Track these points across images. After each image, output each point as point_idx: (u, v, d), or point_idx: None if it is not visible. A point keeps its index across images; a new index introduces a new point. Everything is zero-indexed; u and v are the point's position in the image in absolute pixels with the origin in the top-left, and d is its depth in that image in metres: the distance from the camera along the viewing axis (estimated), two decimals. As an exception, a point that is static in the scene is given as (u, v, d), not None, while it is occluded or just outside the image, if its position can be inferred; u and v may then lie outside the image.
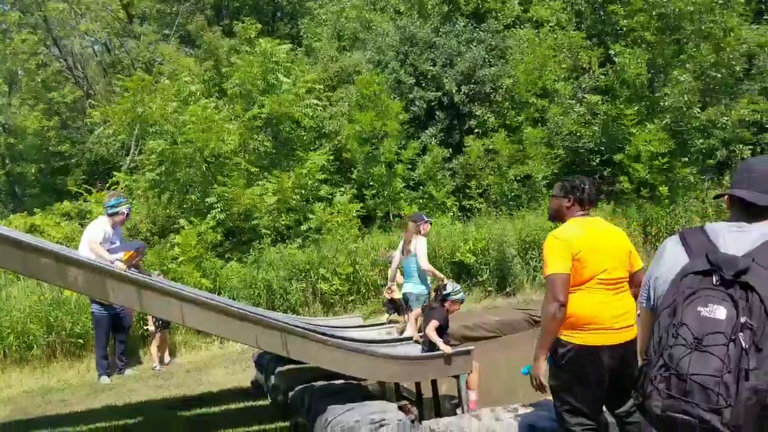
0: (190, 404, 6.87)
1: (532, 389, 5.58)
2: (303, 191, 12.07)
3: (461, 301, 5.96)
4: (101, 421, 6.28)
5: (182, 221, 11.55)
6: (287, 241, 11.65)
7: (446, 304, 5.73)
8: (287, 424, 5.77)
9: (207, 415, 6.39)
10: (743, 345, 1.64)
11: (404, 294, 7.19)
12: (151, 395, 7.42)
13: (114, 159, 16.02)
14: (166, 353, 9.16)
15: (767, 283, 1.70)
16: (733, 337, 1.65)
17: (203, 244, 10.79)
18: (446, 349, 5.32)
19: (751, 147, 14.24)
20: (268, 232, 11.48)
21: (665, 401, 1.71)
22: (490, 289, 11.28)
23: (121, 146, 15.42)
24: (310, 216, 11.86)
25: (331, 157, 13.10)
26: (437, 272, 7.21)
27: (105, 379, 8.29)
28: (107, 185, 13.87)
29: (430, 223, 7.77)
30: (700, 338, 1.68)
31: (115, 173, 13.86)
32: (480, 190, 13.81)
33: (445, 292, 5.80)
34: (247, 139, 12.56)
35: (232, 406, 6.70)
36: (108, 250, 5.95)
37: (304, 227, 11.84)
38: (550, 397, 4.95)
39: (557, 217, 3.66)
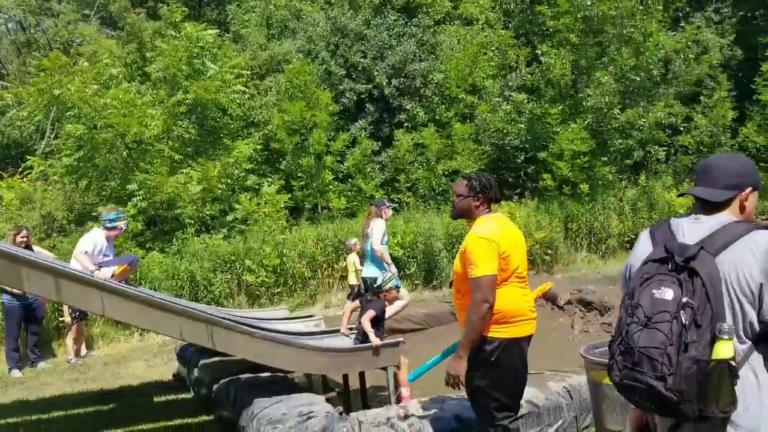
0: (107, 398, 6.63)
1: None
2: (229, 181, 11.83)
3: (396, 287, 5.94)
4: (12, 416, 5.99)
5: (101, 209, 11.10)
6: (212, 231, 11.38)
7: (382, 296, 5.74)
8: (211, 417, 5.64)
9: (126, 410, 6.17)
10: (683, 321, 1.89)
11: (365, 278, 7.18)
12: (66, 389, 7.12)
13: (28, 143, 15.27)
14: (83, 346, 8.81)
15: (710, 268, 1.96)
16: (676, 315, 1.91)
17: (123, 233, 10.37)
18: (375, 340, 5.32)
19: (666, 148, 14.94)
20: (192, 221, 11.19)
21: (622, 371, 1.98)
22: (417, 282, 11.38)
23: (35, 129, 14.70)
24: (237, 206, 11.64)
25: (259, 147, 12.89)
26: (386, 256, 7.19)
27: (16, 373, 7.94)
28: (20, 170, 13.20)
29: (393, 209, 7.80)
30: (650, 317, 1.94)
31: (29, 157, 13.22)
32: (408, 184, 13.92)
33: (376, 285, 5.81)
34: (170, 126, 12.16)
35: (153, 399, 6.50)
36: (101, 264, 5.74)
37: (229, 217, 11.61)
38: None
39: (463, 215, 3.61)
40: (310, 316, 7.00)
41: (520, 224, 11.12)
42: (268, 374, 5.69)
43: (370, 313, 5.48)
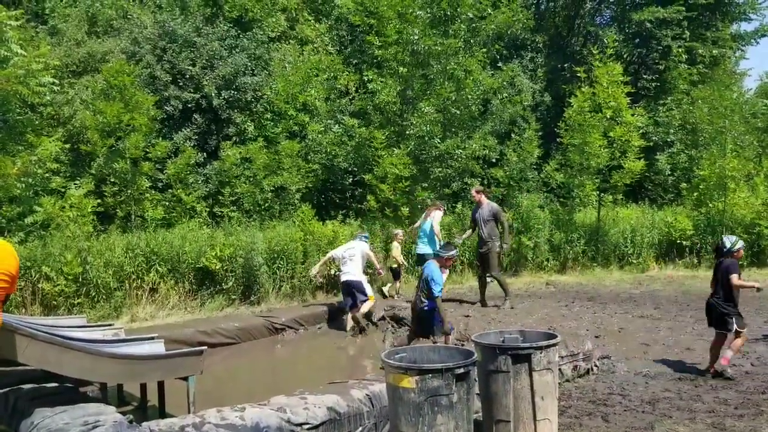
0: None
1: (268, 390, 5.59)
2: (30, 180, 10.78)
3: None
4: None
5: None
6: (8, 234, 10.28)
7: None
8: (-17, 433, 5.04)
9: None
10: None
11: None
12: None
13: None
14: None
15: None
16: None
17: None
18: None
19: (480, 180, 15.94)
20: (-17, 223, 10.07)
21: None
22: (234, 297, 11.06)
23: None
24: (38, 209, 10.62)
25: (67, 147, 11.89)
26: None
27: None
28: None
29: None
30: None
31: None
32: (233, 198, 13.57)
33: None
34: (-37, 118, 10.92)
35: None
36: None
37: (29, 220, 10.56)
38: (279, 397, 4.96)
39: None
40: (110, 325, 6.52)
41: (342, 243, 11.24)
42: (56, 385, 5.22)
43: None
